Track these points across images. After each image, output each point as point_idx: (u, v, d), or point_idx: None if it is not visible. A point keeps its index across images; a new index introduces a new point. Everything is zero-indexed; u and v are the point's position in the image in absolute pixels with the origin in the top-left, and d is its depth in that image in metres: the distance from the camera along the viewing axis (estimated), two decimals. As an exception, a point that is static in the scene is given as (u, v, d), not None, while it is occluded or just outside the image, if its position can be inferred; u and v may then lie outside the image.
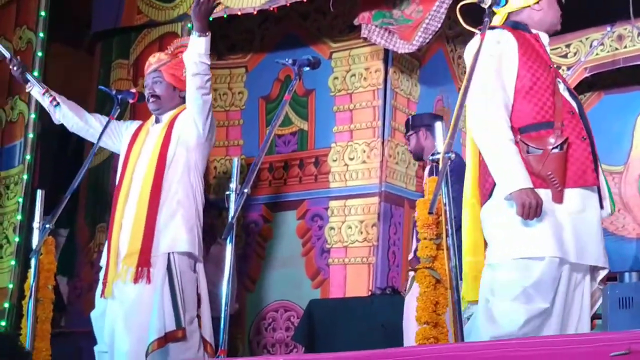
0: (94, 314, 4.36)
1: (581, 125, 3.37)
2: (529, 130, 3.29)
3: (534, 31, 3.53)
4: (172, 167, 4.33)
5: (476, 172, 3.43)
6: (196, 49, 4.29)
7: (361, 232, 6.15)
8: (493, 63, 3.35)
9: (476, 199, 3.39)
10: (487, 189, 3.35)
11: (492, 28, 3.48)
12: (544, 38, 3.58)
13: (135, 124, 4.79)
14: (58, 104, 4.67)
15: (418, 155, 5.40)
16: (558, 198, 3.21)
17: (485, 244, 3.36)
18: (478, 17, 3.42)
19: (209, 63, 4.39)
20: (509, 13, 3.55)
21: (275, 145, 6.54)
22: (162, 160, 4.32)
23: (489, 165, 3.27)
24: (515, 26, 3.50)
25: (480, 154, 3.40)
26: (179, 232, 4.23)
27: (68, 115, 4.74)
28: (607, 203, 3.42)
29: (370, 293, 5.79)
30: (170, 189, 4.29)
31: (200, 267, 4.32)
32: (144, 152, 4.42)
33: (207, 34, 4.31)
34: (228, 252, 3.56)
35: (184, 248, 4.21)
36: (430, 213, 3.12)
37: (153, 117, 4.70)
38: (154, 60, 4.57)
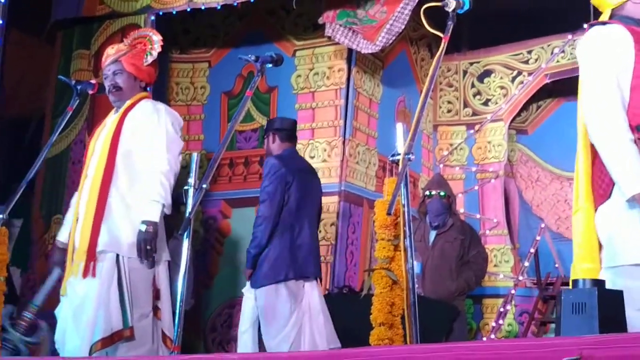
0: (57, 310, 4.25)
1: None
2: None
3: None
4: (125, 160, 4.19)
5: (589, 175, 3.29)
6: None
7: (320, 231, 6.13)
8: (608, 60, 3.20)
9: (590, 202, 3.26)
10: (604, 189, 3.21)
11: (603, 23, 3.32)
12: None
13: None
14: None
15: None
16: None
17: (600, 247, 3.22)
18: (442, 20, 3.43)
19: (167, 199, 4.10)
20: (612, 9, 3.35)
21: (236, 141, 6.51)
22: (112, 152, 4.16)
23: (608, 166, 3.13)
24: (626, 21, 3.29)
25: (593, 155, 3.26)
26: (125, 234, 4.07)
27: None
28: None
29: (326, 292, 5.78)
30: (122, 183, 4.14)
31: (159, 263, 4.19)
32: (97, 146, 4.30)
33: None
34: (184, 248, 3.52)
35: (127, 252, 4.04)
36: (388, 214, 3.11)
37: (114, 109, 4.60)
38: (113, 51, 4.45)
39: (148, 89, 4.59)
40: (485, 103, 7.42)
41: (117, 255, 4.02)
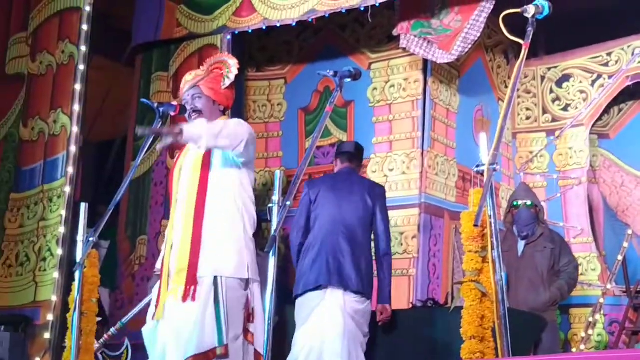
0: (145, 329, 4.32)
1: None
2: None
3: None
4: (215, 185, 4.25)
5: None
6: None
7: (401, 244, 6.10)
8: None
9: None
10: None
11: None
12: None
13: None
14: None
15: None
16: None
17: None
18: (517, 26, 3.37)
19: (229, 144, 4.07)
20: None
21: (315, 156, 6.53)
22: (204, 176, 4.23)
23: None
24: None
25: None
26: (222, 255, 4.11)
27: None
28: None
29: (411, 305, 5.74)
30: (215, 208, 4.19)
31: (254, 285, 4.23)
32: (184, 171, 4.35)
33: (201, 145, 4.03)
34: (271, 265, 3.53)
35: (230, 274, 4.11)
36: (475, 225, 3.07)
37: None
38: (190, 77, 4.50)
39: (226, 113, 4.65)
40: (565, 108, 7.28)
41: (216, 277, 4.07)
